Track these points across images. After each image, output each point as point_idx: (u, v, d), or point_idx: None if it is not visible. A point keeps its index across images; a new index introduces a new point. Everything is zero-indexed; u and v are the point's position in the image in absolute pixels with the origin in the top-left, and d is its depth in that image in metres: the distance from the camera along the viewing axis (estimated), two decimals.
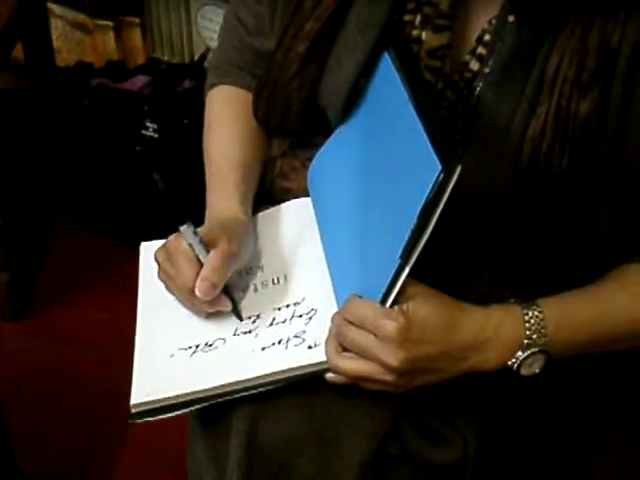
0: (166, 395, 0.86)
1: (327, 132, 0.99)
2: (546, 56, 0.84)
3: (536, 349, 0.84)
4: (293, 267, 0.96)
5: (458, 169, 0.75)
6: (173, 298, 0.93)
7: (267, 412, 0.86)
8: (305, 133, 1.01)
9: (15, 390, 1.63)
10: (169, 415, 0.87)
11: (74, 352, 1.74)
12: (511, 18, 0.85)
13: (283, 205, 1.02)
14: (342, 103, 0.93)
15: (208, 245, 0.90)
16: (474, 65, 0.89)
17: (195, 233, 0.89)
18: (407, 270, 0.79)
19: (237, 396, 0.85)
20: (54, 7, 2.12)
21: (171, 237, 0.92)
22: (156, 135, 1.81)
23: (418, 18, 0.91)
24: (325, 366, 0.84)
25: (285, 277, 0.95)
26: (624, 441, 1.42)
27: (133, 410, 0.87)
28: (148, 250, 0.99)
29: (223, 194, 0.99)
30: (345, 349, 0.83)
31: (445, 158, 0.75)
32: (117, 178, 1.89)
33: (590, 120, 0.83)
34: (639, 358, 1.07)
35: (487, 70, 0.87)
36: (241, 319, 0.92)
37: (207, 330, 0.92)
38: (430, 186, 0.75)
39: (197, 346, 0.91)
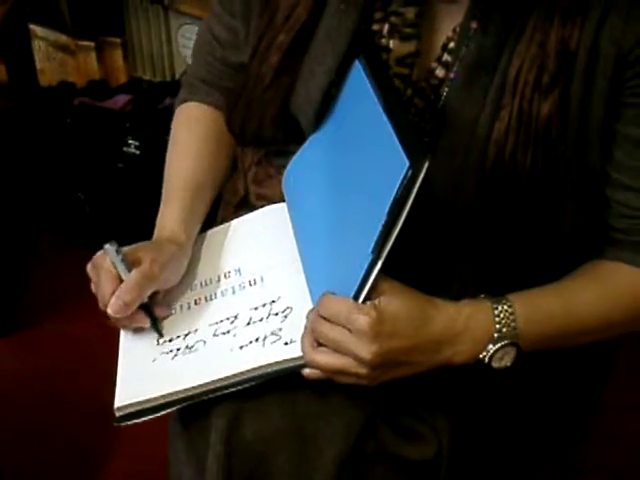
0: (149, 396, 0.88)
1: (301, 140, 1.00)
2: (508, 61, 0.86)
3: (506, 342, 0.86)
4: (269, 268, 0.97)
5: (425, 165, 0.77)
6: None
7: (246, 410, 0.87)
8: (279, 142, 1.02)
9: (0, 406, 1.64)
10: (152, 417, 0.88)
11: (60, 368, 1.75)
12: (474, 25, 0.88)
13: (259, 211, 1.04)
14: (315, 111, 0.95)
15: (133, 264, 0.91)
16: (440, 72, 0.91)
17: (118, 252, 0.91)
18: (379, 266, 0.80)
19: (218, 394, 0.87)
20: (37, 29, 2.15)
21: (98, 253, 0.93)
22: (138, 152, 1.83)
23: (386, 27, 0.93)
24: (301, 361, 0.85)
25: (262, 278, 0.97)
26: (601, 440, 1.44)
27: (118, 413, 0.88)
28: None
29: (168, 213, 1.01)
30: (320, 344, 0.84)
31: (413, 155, 0.78)
32: (100, 194, 1.91)
33: (551, 121, 0.86)
34: (612, 355, 1.09)
35: (452, 76, 0.90)
36: (161, 336, 0.94)
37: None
38: (399, 182, 0.77)
39: (178, 349, 0.92)
